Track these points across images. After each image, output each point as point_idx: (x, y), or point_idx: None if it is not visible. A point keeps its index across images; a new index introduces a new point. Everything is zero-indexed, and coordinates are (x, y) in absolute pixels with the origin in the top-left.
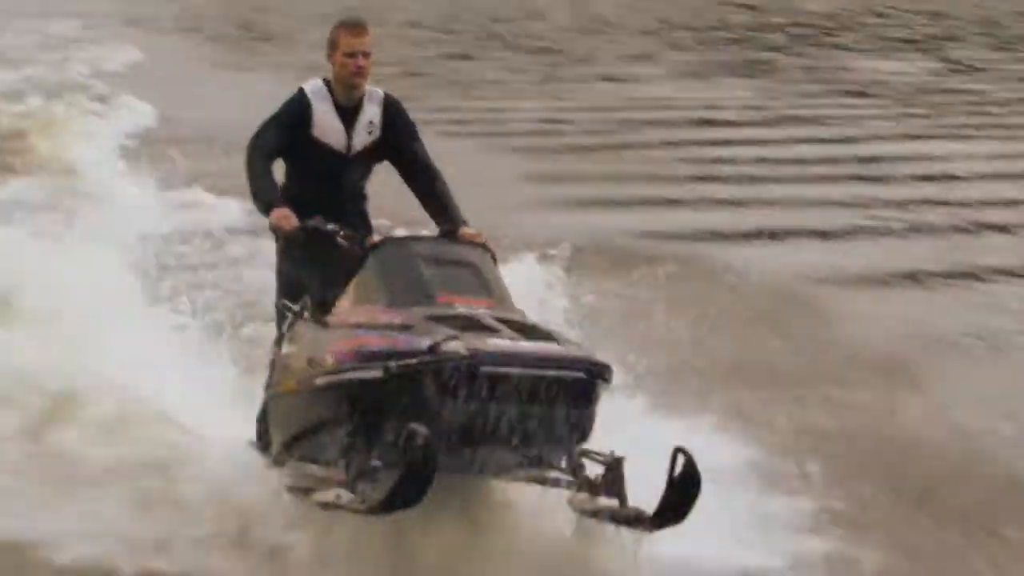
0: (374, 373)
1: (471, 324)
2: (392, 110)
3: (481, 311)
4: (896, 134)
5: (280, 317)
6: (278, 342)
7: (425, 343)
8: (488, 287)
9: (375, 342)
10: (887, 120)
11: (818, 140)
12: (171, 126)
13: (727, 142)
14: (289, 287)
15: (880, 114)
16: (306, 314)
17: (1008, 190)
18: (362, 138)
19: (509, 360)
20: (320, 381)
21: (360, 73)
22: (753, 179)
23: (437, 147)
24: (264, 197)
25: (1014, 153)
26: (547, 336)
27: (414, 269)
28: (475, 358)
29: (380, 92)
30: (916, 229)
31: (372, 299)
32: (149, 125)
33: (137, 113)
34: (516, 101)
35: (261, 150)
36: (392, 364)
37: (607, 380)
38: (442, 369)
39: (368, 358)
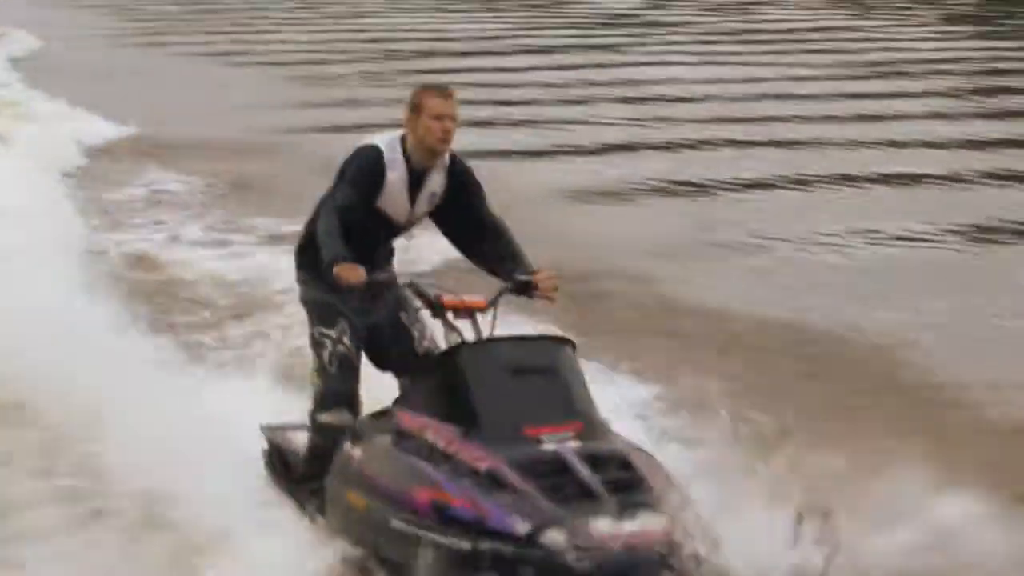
0: (460, 544)
1: (564, 482)
2: (458, 176)
3: (569, 446)
4: (616, 61)
5: (318, 346)
6: (317, 370)
7: (521, 527)
8: (574, 404)
9: (459, 502)
10: (608, 47)
11: (554, 67)
12: None
13: (474, 69)
14: (323, 314)
15: (598, 43)
16: (345, 339)
17: (727, 110)
18: (421, 210)
19: (613, 556)
20: (394, 524)
21: (447, 139)
22: (505, 102)
23: (223, 75)
24: (331, 253)
25: (728, 78)
26: (643, 491)
27: (498, 388)
28: (579, 560)
29: (447, 157)
30: (652, 146)
31: (448, 416)
32: None
33: None
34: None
35: (337, 209)
36: (484, 546)
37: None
38: (540, 566)
39: (451, 522)
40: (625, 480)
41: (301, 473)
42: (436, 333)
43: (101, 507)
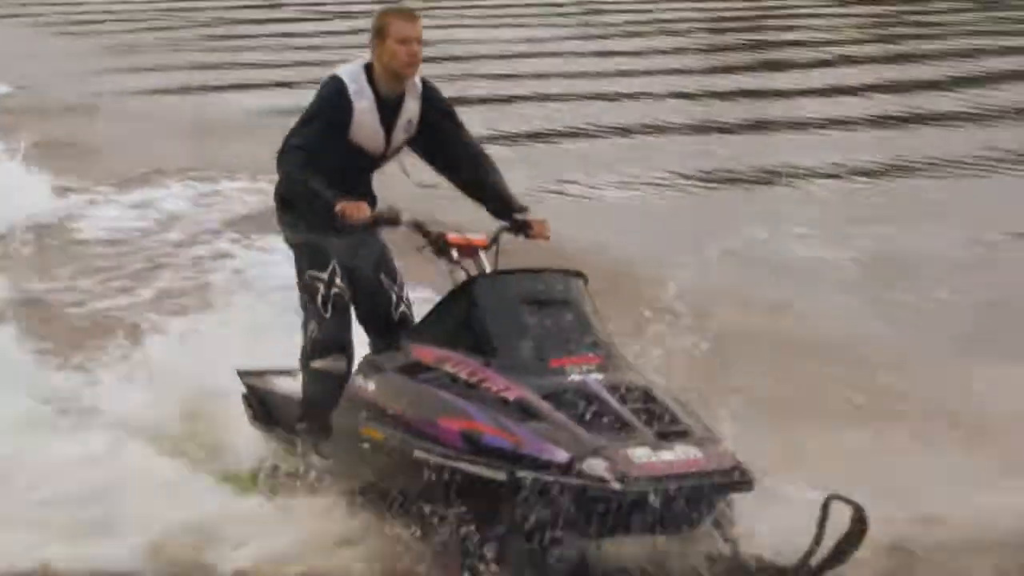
0: (495, 475)
1: (595, 412)
2: (431, 101)
3: (593, 377)
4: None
5: (309, 289)
6: (311, 315)
7: (560, 455)
8: (594, 336)
9: (490, 431)
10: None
11: (345, 31)
12: None
13: (273, 35)
14: (313, 256)
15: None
16: (337, 281)
17: (501, 68)
18: (399, 139)
19: (655, 485)
20: (419, 455)
21: (414, 62)
22: (306, 63)
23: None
24: (326, 196)
25: (508, 38)
26: (673, 422)
27: (518, 319)
28: (623, 490)
29: (419, 83)
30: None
31: (468, 346)
32: None
33: None
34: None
35: (302, 153)
36: (524, 476)
37: (749, 488)
38: (583, 494)
39: (485, 452)
40: (653, 411)
41: (297, 417)
42: (413, 298)
43: None
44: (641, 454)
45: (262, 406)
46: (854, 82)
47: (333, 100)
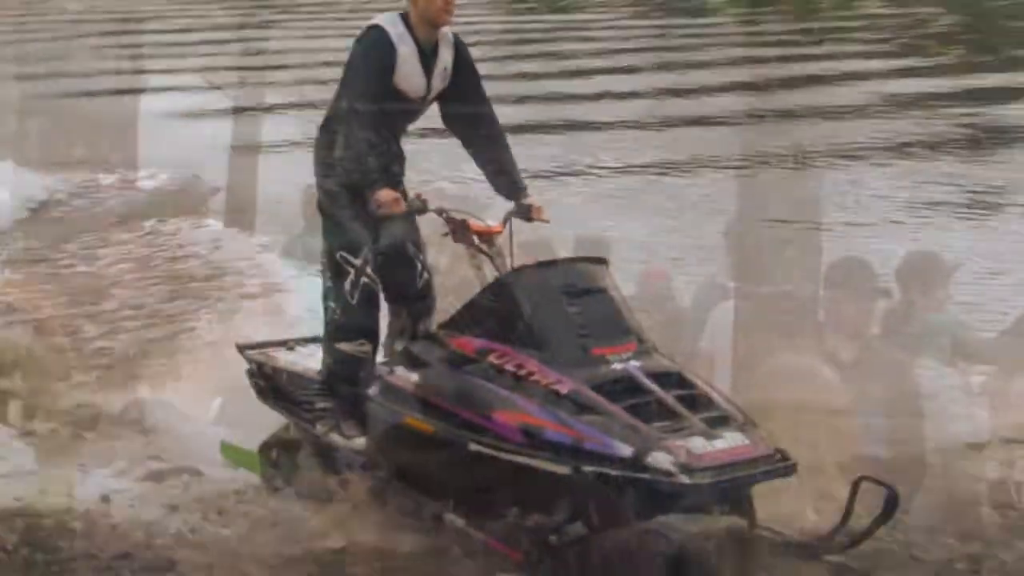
0: (558, 468)
1: (645, 403)
2: (462, 53)
3: (633, 364)
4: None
5: (338, 269)
6: (337, 297)
7: (624, 449)
8: (626, 322)
9: (550, 425)
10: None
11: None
12: None
13: (180, 43)
14: (348, 238)
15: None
16: (368, 270)
17: None
18: (437, 86)
19: (715, 475)
20: (474, 447)
21: (449, 9)
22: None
23: None
24: (369, 177)
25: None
26: (715, 407)
27: (560, 311)
28: (691, 484)
29: (450, 33)
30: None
31: (512, 340)
32: None
33: None
34: None
35: (358, 99)
36: (589, 470)
37: (793, 472)
38: (652, 488)
39: (545, 446)
40: (692, 397)
41: (317, 394)
42: (435, 267)
43: None
44: (698, 444)
45: (268, 382)
46: (642, 87)
47: (378, 45)
